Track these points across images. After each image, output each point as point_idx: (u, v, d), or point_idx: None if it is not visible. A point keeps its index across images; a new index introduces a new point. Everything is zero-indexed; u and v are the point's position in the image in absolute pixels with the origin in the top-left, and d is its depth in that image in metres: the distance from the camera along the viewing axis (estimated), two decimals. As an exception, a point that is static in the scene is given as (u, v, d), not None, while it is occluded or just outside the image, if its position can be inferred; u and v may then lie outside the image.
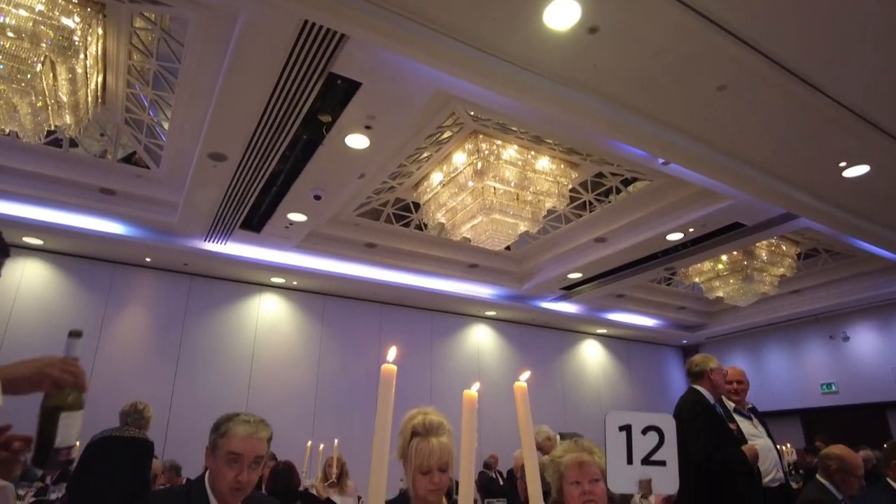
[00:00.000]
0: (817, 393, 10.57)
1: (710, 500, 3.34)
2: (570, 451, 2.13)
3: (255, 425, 2.07)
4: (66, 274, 7.41)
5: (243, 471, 1.99)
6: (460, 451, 1.02)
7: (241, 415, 2.10)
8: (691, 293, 10.32)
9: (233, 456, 1.98)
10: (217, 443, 2.03)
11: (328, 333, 8.73)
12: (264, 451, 2.09)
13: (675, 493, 1.31)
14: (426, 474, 1.97)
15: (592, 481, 2.07)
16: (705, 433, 3.35)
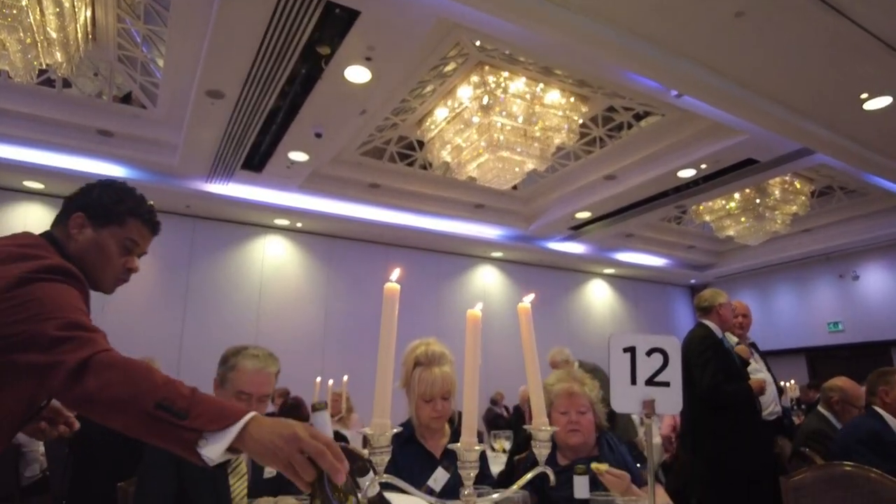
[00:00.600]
0: (823, 332, 10.61)
1: (714, 432, 3.38)
2: (562, 381, 2.14)
3: (263, 360, 2.06)
4: (70, 217, 7.38)
5: (252, 406, 2.00)
6: (464, 369, 0.97)
7: (249, 348, 2.09)
8: (701, 232, 10.21)
9: (243, 395, 1.99)
10: (226, 377, 2.04)
11: (334, 275, 8.75)
12: (273, 386, 2.10)
13: (678, 413, 1.28)
14: (429, 402, 1.99)
15: (579, 412, 2.08)
16: (713, 366, 3.36)
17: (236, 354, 2.07)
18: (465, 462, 0.96)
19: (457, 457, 0.96)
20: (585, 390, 2.14)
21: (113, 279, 1.52)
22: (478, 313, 0.98)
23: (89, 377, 1.02)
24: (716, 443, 3.37)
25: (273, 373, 2.09)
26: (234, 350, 2.10)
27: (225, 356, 2.10)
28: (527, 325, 1.06)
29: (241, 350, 2.08)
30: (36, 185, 6.94)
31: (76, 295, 1.24)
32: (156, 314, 7.53)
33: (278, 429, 0.94)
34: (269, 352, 2.12)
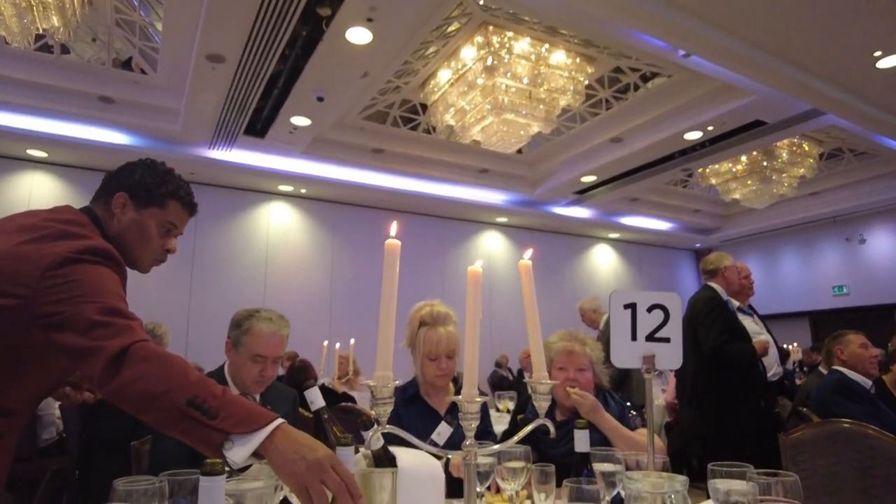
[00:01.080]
0: (828, 295, 10.62)
1: (718, 390, 3.42)
2: (563, 340, 2.17)
3: (277, 323, 2.11)
4: (75, 187, 7.39)
5: (266, 367, 2.07)
6: (465, 325, 0.98)
7: (261, 311, 2.12)
8: (707, 196, 10.14)
9: (258, 358, 2.04)
10: (240, 339, 2.08)
11: (339, 242, 8.77)
12: (285, 348, 2.15)
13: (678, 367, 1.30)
14: (434, 360, 2.03)
15: (578, 370, 2.13)
16: (718, 326, 3.39)
17: (249, 318, 2.10)
18: (467, 414, 0.98)
19: (458, 408, 0.98)
20: (586, 350, 2.18)
21: (151, 259, 1.57)
22: (478, 270, 0.99)
23: (126, 367, 1.04)
24: (719, 401, 3.42)
25: (286, 335, 2.13)
26: (247, 313, 2.13)
27: (237, 319, 2.13)
28: (527, 281, 1.07)
29: (254, 313, 2.11)
30: (40, 153, 6.93)
31: (116, 280, 1.26)
32: (163, 281, 7.59)
33: (303, 450, 0.96)
34: (280, 314, 2.16)
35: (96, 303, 1.12)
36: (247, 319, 2.09)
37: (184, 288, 7.74)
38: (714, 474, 1.32)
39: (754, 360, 3.46)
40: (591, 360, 2.17)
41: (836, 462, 2.23)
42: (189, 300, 7.70)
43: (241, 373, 2.07)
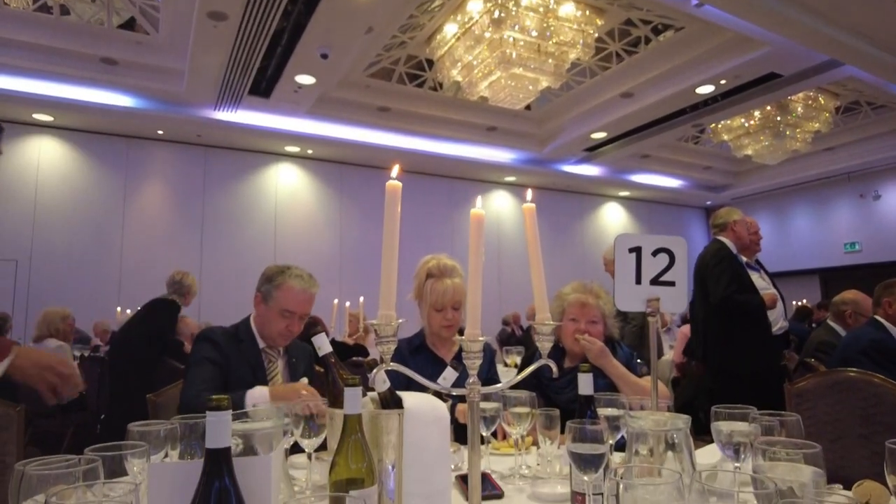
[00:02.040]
0: (839, 252, 10.53)
1: (725, 341, 3.42)
2: (577, 291, 2.19)
3: (307, 281, 2.15)
4: (82, 151, 7.40)
5: (293, 323, 2.12)
6: (468, 267, 0.98)
7: (292, 268, 2.17)
8: (718, 152, 9.98)
9: (287, 313, 2.09)
10: (271, 294, 2.12)
11: (347, 202, 8.77)
12: (313, 306, 2.20)
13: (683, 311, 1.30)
14: (440, 311, 2.06)
15: (590, 322, 2.15)
16: (727, 277, 3.39)
17: (282, 273, 2.14)
18: (470, 353, 0.99)
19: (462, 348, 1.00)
20: (599, 303, 2.19)
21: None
22: (481, 212, 0.99)
23: None
24: (726, 352, 3.43)
25: (314, 294, 2.18)
26: (279, 269, 2.17)
27: (269, 274, 2.17)
28: (531, 223, 1.07)
29: (286, 269, 2.16)
30: (45, 117, 6.91)
31: None
32: (174, 244, 7.67)
33: (35, 358, 1.42)
34: (310, 273, 2.21)
35: None
36: (279, 275, 2.13)
37: (195, 250, 7.81)
38: (717, 416, 1.34)
39: (762, 312, 3.46)
40: (603, 313, 2.19)
41: (840, 409, 2.24)
42: (200, 262, 7.77)
43: (268, 326, 2.12)
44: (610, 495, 0.89)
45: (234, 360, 2.03)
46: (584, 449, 1.18)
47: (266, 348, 2.15)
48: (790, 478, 0.93)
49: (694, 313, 3.74)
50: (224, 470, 0.79)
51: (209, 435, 0.79)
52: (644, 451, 1.11)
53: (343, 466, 1.07)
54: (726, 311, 3.38)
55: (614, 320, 2.26)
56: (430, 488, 1.21)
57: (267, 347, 2.15)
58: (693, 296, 3.72)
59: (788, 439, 1.13)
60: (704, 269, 3.50)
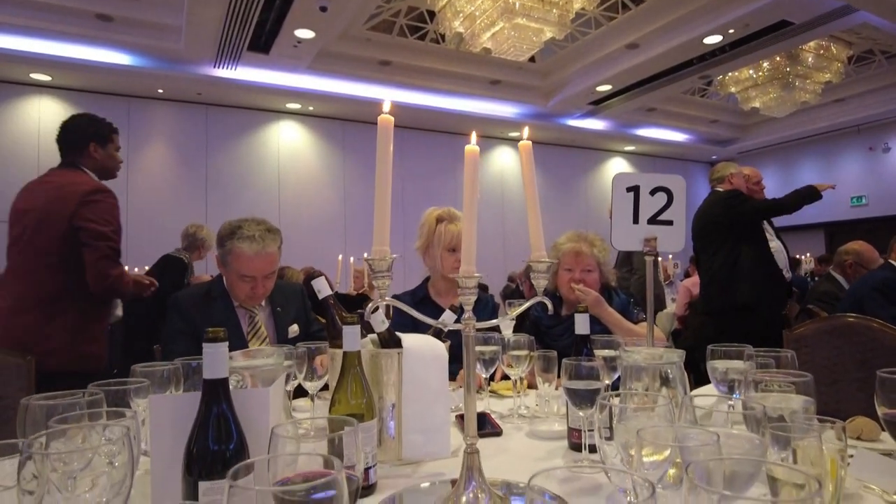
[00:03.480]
0: (846, 206, 10.44)
1: (728, 297, 3.42)
2: (571, 241, 2.21)
3: (260, 241, 1.95)
4: (82, 111, 7.33)
5: (257, 285, 1.99)
6: (463, 204, 0.98)
7: (244, 227, 1.97)
8: (726, 105, 9.80)
9: (246, 278, 1.97)
10: (225, 259, 1.99)
11: (350, 160, 8.71)
12: (276, 263, 2.03)
13: (680, 250, 1.30)
14: (453, 252, 2.08)
15: (585, 271, 2.18)
16: (751, 201, 3.41)
17: (231, 236, 1.96)
18: (465, 289, 1.00)
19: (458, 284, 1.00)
20: (593, 251, 2.20)
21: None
22: (475, 148, 0.98)
23: None
24: (728, 306, 3.44)
25: (273, 251, 1.99)
26: (229, 230, 1.98)
27: (220, 237, 2.00)
28: (527, 160, 1.06)
29: (237, 230, 1.96)
30: (43, 77, 6.82)
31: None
32: (178, 204, 7.67)
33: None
34: (266, 227, 2.01)
35: None
36: (229, 238, 1.96)
37: (199, 210, 7.81)
38: (713, 355, 1.36)
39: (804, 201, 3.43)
40: (597, 262, 2.20)
41: (837, 354, 2.27)
42: (206, 221, 7.72)
43: (233, 289, 2.01)
44: (602, 427, 0.91)
45: (204, 323, 1.82)
46: (579, 385, 1.20)
47: (243, 304, 2.05)
48: (781, 406, 0.95)
49: (701, 264, 3.70)
50: (222, 398, 0.81)
51: (206, 366, 0.80)
52: (639, 386, 1.13)
53: (343, 402, 1.10)
54: (734, 264, 3.36)
55: (611, 267, 2.26)
56: (429, 424, 1.25)
57: (243, 304, 2.05)
58: (695, 254, 3.71)
59: (781, 370, 1.15)
60: (712, 213, 3.46)
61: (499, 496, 1.01)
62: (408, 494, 1.10)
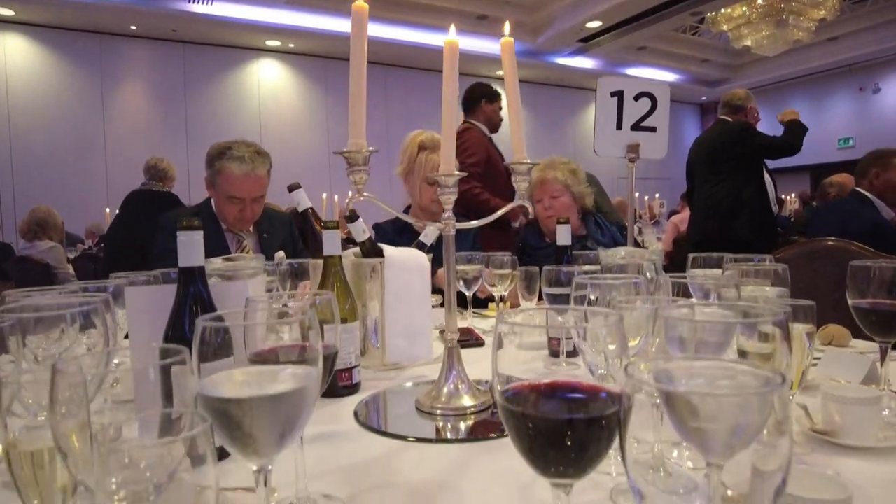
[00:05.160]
0: (832, 148, 10.45)
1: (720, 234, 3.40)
2: (537, 170, 2.20)
3: (250, 162, 1.94)
4: (52, 50, 7.04)
5: (246, 207, 1.98)
6: (442, 101, 0.96)
7: (233, 148, 1.96)
8: (716, 44, 9.62)
9: (235, 200, 1.96)
10: (215, 179, 1.98)
11: (333, 100, 8.50)
12: (265, 186, 2.02)
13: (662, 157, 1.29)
14: (432, 185, 2.04)
15: (552, 197, 2.17)
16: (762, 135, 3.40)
17: (221, 157, 1.95)
18: (445, 188, 0.99)
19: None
20: (556, 175, 2.19)
21: None
22: (455, 41, 0.95)
23: None
24: (726, 235, 3.41)
25: (262, 174, 1.99)
26: (219, 150, 1.97)
27: (209, 157, 1.98)
28: (508, 59, 1.03)
29: (226, 151, 1.95)
30: (6, 11, 6.50)
31: None
32: (159, 144, 7.48)
33: None
34: (255, 149, 2.00)
35: None
36: (218, 158, 1.94)
37: (180, 153, 7.64)
38: (693, 263, 1.37)
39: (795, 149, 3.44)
40: (564, 184, 2.19)
41: (815, 277, 2.30)
42: (187, 163, 7.61)
43: (221, 211, 2.00)
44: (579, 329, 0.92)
45: None
46: (559, 291, 1.21)
47: (231, 228, 2.05)
48: (756, 294, 0.97)
49: (698, 196, 3.61)
50: (199, 286, 0.80)
51: (181, 254, 0.79)
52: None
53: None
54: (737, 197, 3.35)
55: (584, 187, 2.23)
56: (411, 330, 1.26)
57: (231, 227, 2.05)
58: (690, 180, 3.64)
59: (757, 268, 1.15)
60: (725, 137, 3.39)
61: (477, 388, 1.03)
62: (392, 392, 1.12)
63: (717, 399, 0.38)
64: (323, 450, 0.87)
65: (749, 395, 0.38)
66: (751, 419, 0.39)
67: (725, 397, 0.38)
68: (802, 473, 0.60)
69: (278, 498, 0.72)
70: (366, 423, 0.96)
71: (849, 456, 0.82)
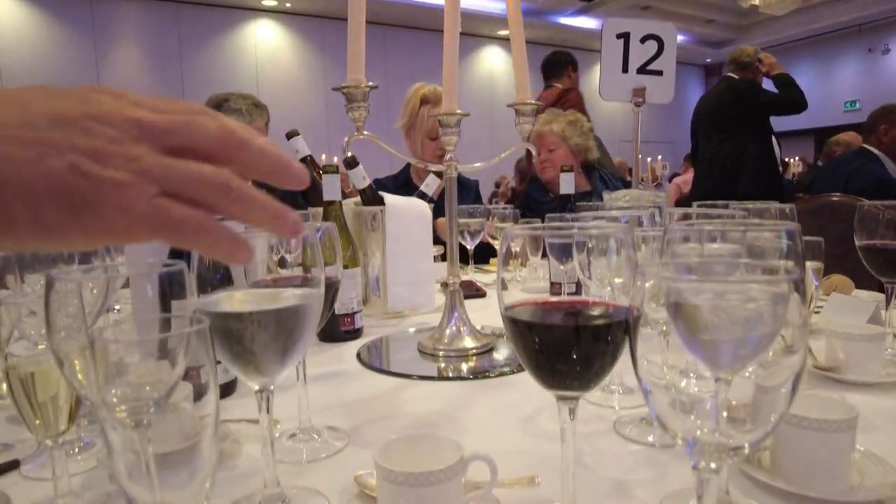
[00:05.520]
0: (839, 111, 10.28)
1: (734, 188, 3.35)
2: (536, 124, 2.17)
3: (247, 115, 1.96)
4: (43, 13, 6.87)
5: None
6: (444, 39, 0.93)
7: (230, 100, 1.98)
8: (723, 3, 9.37)
9: None
10: None
11: (331, 62, 8.34)
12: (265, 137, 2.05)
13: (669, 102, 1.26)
14: (434, 140, 2.01)
15: (549, 151, 2.17)
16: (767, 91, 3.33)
17: (218, 108, 1.95)
18: (447, 128, 0.97)
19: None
20: (552, 128, 2.18)
21: None
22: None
23: None
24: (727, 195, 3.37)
25: (260, 127, 2.01)
26: (216, 103, 1.99)
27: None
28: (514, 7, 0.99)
29: (223, 103, 1.97)
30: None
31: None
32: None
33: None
34: (253, 101, 2.02)
35: None
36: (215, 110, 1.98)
37: (177, 116, 7.57)
38: (697, 213, 1.35)
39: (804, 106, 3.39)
40: (561, 136, 2.18)
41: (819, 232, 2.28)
42: (184, 127, 7.57)
43: None
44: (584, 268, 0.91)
45: None
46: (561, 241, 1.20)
47: None
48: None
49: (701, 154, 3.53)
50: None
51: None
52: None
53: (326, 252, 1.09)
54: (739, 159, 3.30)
55: (584, 140, 2.20)
56: (413, 278, 1.25)
57: None
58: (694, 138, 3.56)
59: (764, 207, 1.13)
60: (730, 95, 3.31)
61: (478, 330, 1.03)
62: (394, 337, 1.12)
63: (728, 306, 0.37)
64: (326, 388, 0.87)
65: (761, 302, 0.37)
66: (761, 328, 0.38)
67: (736, 304, 0.37)
68: (807, 399, 0.60)
69: (281, 429, 0.72)
70: (369, 363, 0.96)
71: (852, 391, 0.82)
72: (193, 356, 0.37)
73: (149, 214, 0.28)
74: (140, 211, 0.28)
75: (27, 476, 0.63)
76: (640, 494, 0.57)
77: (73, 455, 0.66)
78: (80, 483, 0.61)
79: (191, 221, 0.29)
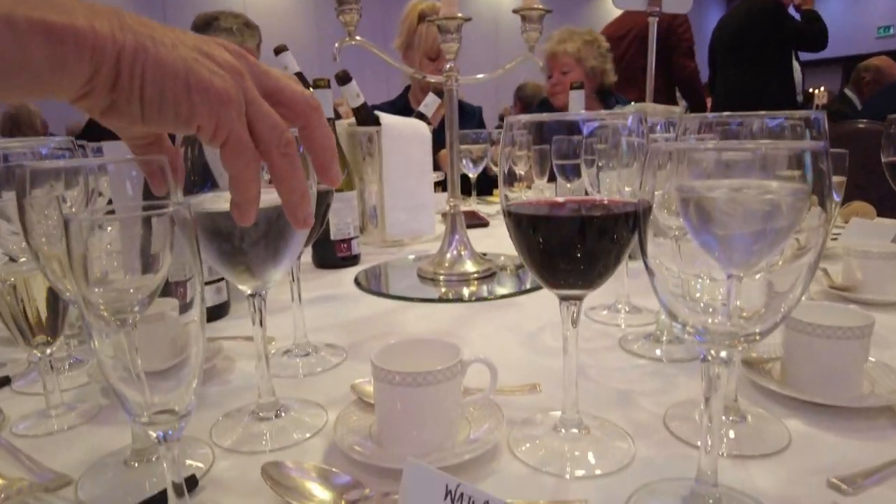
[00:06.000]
0: (871, 38, 9.76)
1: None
2: (550, 43, 2.06)
3: (238, 35, 1.86)
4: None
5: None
6: None
7: (220, 18, 1.86)
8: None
9: None
10: None
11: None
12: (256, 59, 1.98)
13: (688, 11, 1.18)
14: (434, 60, 1.91)
15: (562, 73, 2.06)
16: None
17: (206, 28, 1.84)
18: (447, 35, 0.90)
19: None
20: (567, 48, 2.05)
21: None
22: None
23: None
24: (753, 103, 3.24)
25: (252, 47, 1.90)
26: (205, 21, 1.87)
27: (194, 28, 1.85)
28: None
29: (212, 22, 1.85)
30: None
31: None
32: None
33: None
34: (244, 20, 1.90)
35: None
36: (203, 31, 1.82)
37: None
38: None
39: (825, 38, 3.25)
40: (576, 58, 2.05)
41: (840, 158, 2.21)
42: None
43: None
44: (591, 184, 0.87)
45: None
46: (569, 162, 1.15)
47: None
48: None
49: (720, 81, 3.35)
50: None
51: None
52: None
53: None
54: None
55: (600, 62, 2.10)
56: (412, 202, 1.22)
57: None
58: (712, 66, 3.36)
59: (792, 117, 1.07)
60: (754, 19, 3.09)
61: (479, 255, 1.00)
62: (393, 264, 1.09)
63: (744, 199, 0.33)
64: (323, 309, 0.86)
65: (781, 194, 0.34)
66: (778, 221, 0.35)
67: (750, 199, 0.34)
68: (821, 307, 0.57)
69: (277, 346, 0.71)
70: (367, 287, 0.94)
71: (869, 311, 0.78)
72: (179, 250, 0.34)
73: (227, 123, 0.32)
74: (224, 118, 0.32)
75: (19, 391, 0.63)
76: (645, 404, 0.55)
77: (63, 372, 0.66)
78: (73, 397, 0.60)
79: (249, 155, 0.34)
